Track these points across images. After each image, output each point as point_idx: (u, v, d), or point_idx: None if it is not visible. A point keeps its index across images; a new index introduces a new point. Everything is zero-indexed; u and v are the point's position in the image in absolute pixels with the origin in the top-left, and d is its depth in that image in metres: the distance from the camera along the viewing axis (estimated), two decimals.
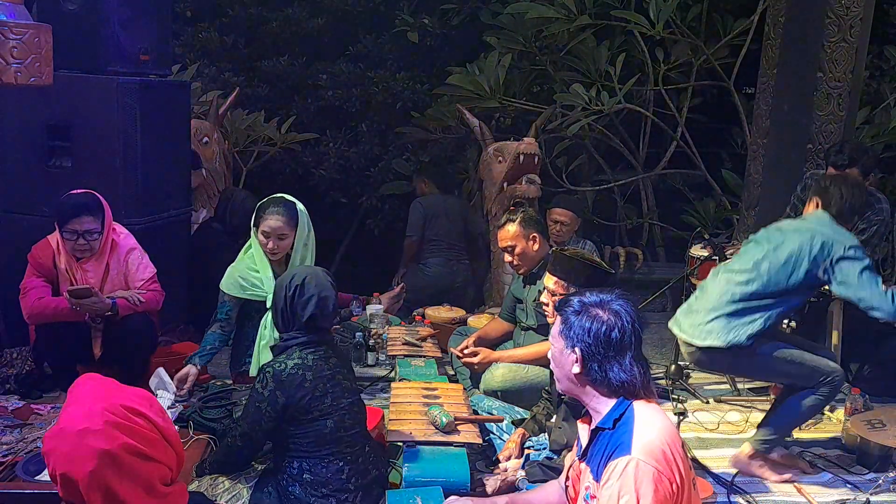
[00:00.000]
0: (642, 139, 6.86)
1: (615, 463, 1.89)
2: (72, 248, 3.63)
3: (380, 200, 6.93)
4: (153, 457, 1.60)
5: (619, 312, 2.01)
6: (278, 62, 7.09)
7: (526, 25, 6.07)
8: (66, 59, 3.95)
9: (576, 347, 2.02)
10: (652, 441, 1.90)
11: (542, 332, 3.84)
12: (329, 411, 2.69)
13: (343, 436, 2.72)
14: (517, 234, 3.83)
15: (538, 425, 3.23)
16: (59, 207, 3.64)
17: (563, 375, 2.09)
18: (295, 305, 2.74)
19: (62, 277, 3.67)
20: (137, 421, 1.59)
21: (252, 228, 3.64)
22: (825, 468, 3.44)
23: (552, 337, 2.12)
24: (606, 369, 1.99)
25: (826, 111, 4.81)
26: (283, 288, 2.78)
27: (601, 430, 2.02)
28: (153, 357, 3.89)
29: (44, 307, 3.60)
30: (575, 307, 2.05)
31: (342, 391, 2.76)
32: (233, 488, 2.71)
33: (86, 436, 1.53)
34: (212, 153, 5.47)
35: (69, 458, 1.54)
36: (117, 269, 3.76)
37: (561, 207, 4.74)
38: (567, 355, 2.05)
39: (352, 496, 2.69)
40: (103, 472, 1.53)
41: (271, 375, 2.65)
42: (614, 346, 1.98)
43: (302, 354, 2.70)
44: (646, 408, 1.99)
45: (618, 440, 1.93)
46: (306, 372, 2.67)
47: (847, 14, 4.70)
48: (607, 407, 2.01)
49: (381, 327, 4.63)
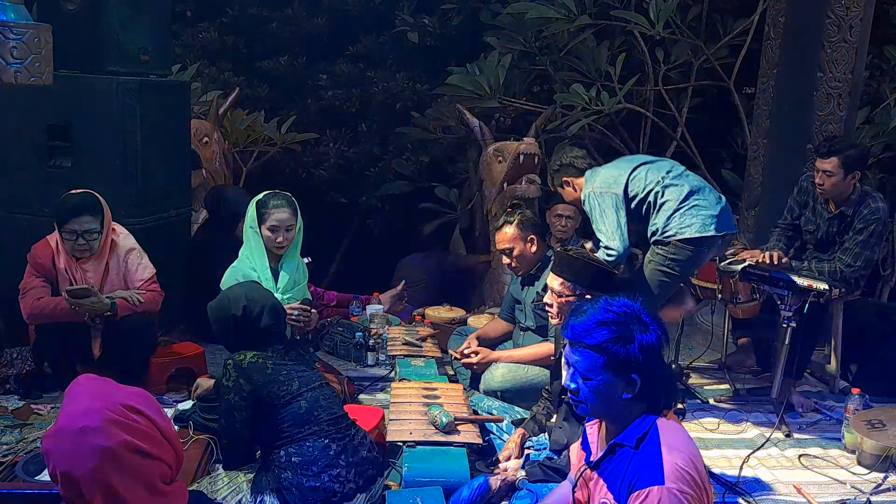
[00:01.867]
0: (642, 139, 6.85)
1: (646, 492, 1.84)
2: (71, 247, 3.63)
3: (380, 200, 6.93)
4: (153, 454, 1.60)
5: (649, 325, 1.95)
6: (278, 62, 7.09)
7: (526, 25, 6.07)
8: (66, 59, 3.95)
9: (632, 375, 1.93)
10: (682, 467, 1.85)
11: (541, 333, 3.84)
12: (300, 392, 2.76)
13: (321, 414, 2.77)
14: (515, 236, 3.83)
15: (538, 425, 3.23)
16: (59, 207, 3.64)
17: (604, 404, 1.98)
18: (249, 323, 2.83)
19: (62, 277, 3.67)
20: (136, 419, 1.59)
21: (250, 228, 3.63)
22: (825, 468, 3.44)
23: (589, 370, 1.96)
24: (659, 389, 1.96)
25: (826, 111, 4.81)
26: (225, 313, 2.85)
27: (622, 446, 1.96)
28: (154, 357, 3.90)
29: (43, 307, 3.60)
30: (608, 337, 1.93)
31: (309, 375, 2.85)
32: (232, 482, 2.72)
33: (86, 434, 1.53)
34: (212, 153, 5.47)
35: (69, 456, 1.53)
36: (116, 270, 3.77)
37: (563, 203, 4.74)
38: (616, 386, 1.94)
39: (344, 471, 2.70)
40: (104, 469, 1.53)
41: (232, 367, 2.74)
42: (656, 361, 1.94)
43: (256, 353, 2.79)
44: (668, 427, 1.94)
45: (645, 464, 1.88)
46: (266, 360, 2.77)
47: (847, 14, 4.69)
48: (627, 421, 1.97)
49: (381, 327, 4.63)
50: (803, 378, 4.33)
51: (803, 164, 4.80)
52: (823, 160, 4.02)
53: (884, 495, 3.19)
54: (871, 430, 3.39)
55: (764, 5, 5.72)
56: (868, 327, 4.44)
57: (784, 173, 4.87)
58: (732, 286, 4.20)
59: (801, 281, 3.78)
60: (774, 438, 3.68)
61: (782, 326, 3.84)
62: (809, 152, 4.80)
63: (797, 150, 4.87)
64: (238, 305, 2.83)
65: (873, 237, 4.02)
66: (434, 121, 6.53)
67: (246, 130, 6.28)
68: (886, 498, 3.18)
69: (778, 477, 3.35)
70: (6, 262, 4.17)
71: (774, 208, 4.80)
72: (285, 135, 6.43)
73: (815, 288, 3.73)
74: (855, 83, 4.83)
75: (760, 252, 4.19)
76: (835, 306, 4.16)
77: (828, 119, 4.81)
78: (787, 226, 4.38)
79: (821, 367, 4.43)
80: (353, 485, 2.70)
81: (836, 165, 3.97)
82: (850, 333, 4.29)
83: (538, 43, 6.31)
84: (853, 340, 4.33)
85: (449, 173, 6.78)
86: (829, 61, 4.75)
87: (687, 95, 6.61)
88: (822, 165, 4.02)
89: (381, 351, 4.46)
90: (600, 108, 5.85)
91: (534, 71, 6.57)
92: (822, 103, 4.81)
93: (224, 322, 2.87)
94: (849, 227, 4.08)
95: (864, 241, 4.01)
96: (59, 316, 3.60)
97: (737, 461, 3.47)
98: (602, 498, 2.01)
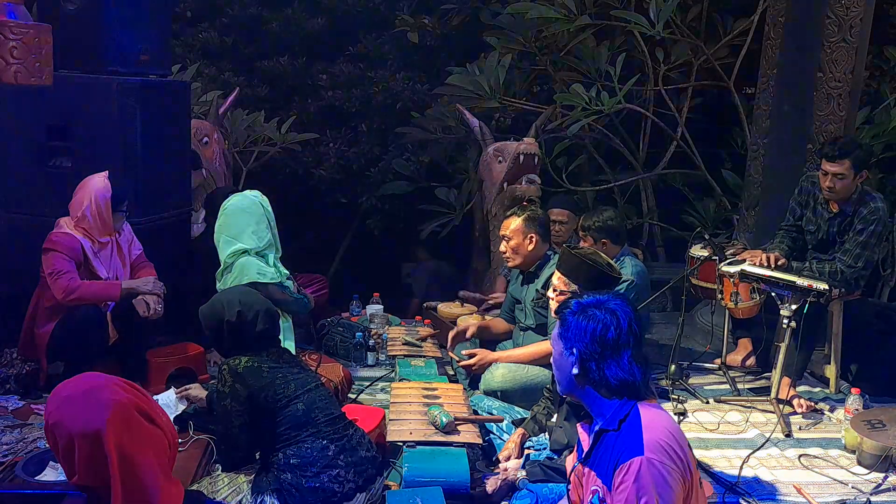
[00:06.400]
0: (642, 139, 6.86)
1: (627, 464, 1.88)
2: (120, 223, 3.88)
3: (380, 200, 6.93)
4: (155, 421, 1.63)
5: (616, 311, 2.01)
6: (278, 62, 7.09)
7: (526, 25, 6.07)
8: (66, 59, 3.95)
9: (574, 348, 2.02)
10: (662, 440, 1.90)
11: (541, 331, 3.84)
12: (297, 395, 2.76)
13: (318, 415, 2.76)
14: (518, 228, 3.89)
15: (538, 425, 3.23)
16: (118, 191, 3.83)
17: (563, 378, 2.10)
18: (244, 329, 2.82)
19: (88, 257, 3.78)
20: (133, 387, 1.63)
21: (273, 224, 3.83)
22: (825, 468, 3.44)
23: (552, 340, 2.13)
24: (604, 368, 1.99)
25: (826, 111, 4.80)
26: (219, 318, 2.84)
27: (606, 431, 2.01)
28: (154, 357, 3.90)
29: (88, 286, 3.69)
30: (573, 308, 2.06)
31: (304, 378, 2.85)
32: (232, 483, 2.72)
33: (93, 392, 1.57)
34: (212, 153, 5.47)
35: (83, 414, 1.55)
36: (123, 246, 3.96)
37: (558, 207, 4.75)
38: (566, 357, 2.05)
39: (343, 471, 2.70)
40: (117, 423, 1.55)
41: (228, 371, 2.72)
42: (611, 346, 1.99)
43: (251, 357, 2.78)
44: (649, 408, 1.99)
45: (626, 441, 1.93)
46: (262, 364, 2.76)
47: (847, 14, 4.69)
48: (610, 409, 2.01)
49: (381, 327, 4.64)
50: (803, 378, 4.34)
51: (803, 164, 4.80)
52: (833, 163, 3.95)
53: (884, 495, 3.19)
54: (871, 430, 3.38)
55: (764, 5, 5.72)
56: (868, 327, 4.44)
57: (784, 173, 4.87)
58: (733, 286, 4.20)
59: (801, 281, 3.78)
60: (774, 438, 3.68)
61: (782, 326, 3.84)
62: (809, 152, 4.80)
63: (797, 150, 4.86)
64: (232, 310, 2.82)
65: (873, 237, 4.02)
66: (434, 121, 6.54)
67: (246, 130, 6.29)
68: (886, 498, 3.18)
69: (778, 477, 3.35)
70: (6, 261, 4.17)
71: (774, 208, 4.79)
72: (285, 135, 6.43)
73: (815, 288, 3.72)
74: (855, 83, 4.83)
75: (761, 252, 4.19)
76: (835, 306, 4.16)
77: (828, 119, 4.81)
78: (790, 227, 4.37)
79: (821, 367, 4.43)
80: (353, 484, 2.70)
81: (849, 167, 3.93)
82: (850, 333, 4.29)
83: (538, 43, 6.32)
84: (853, 340, 4.33)
85: (449, 173, 6.78)
86: (829, 61, 4.75)
87: (687, 95, 6.62)
88: (833, 168, 3.95)
89: (381, 351, 4.46)
90: (600, 108, 5.85)
91: (534, 71, 6.58)
92: (822, 103, 4.80)
93: (217, 327, 2.85)
94: (849, 227, 4.07)
95: (864, 242, 4.01)
96: (101, 297, 3.75)
97: (737, 461, 3.46)
98: (593, 486, 2.04)
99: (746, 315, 4.32)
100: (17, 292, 3.96)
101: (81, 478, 1.60)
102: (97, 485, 1.60)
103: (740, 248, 4.59)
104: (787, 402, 3.97)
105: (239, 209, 3.79)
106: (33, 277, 3.81)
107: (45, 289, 3.73)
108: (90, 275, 3.79)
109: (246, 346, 2.82)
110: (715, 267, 4.30)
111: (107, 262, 3.88)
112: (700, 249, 4.60)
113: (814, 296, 3.72)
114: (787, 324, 3.80)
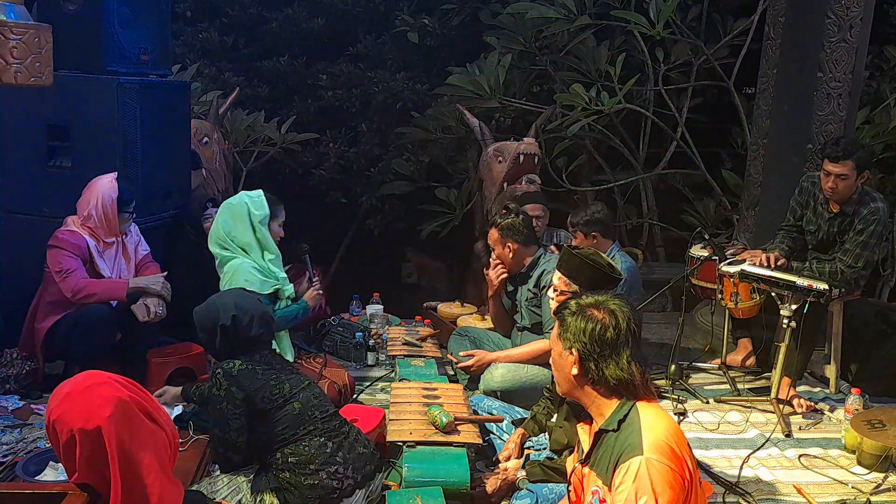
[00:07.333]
0: (642, 139, 6.86)
1: (627, 464, 1.88)
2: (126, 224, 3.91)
3: (380, 200, 6.93)
4: (157, 420, 1.63)
5: (615, 311, 2.02)
6: (278, 62, 7.08)
7: (526, 25, 6.07)
8: (66, 59, 3.95)
9: (572, 348, 2.03)
10: (661, 439, 1.90)
11: (536, 330, 3.86)
12: (292, 395, 2.77)
13: (314, 413, 2.78)
14: (496, 239, 3.98)
15: (538, 425, 3.23)
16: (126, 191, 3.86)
17: (562, 378, 2.10)
18: (239, 332, 2.82)
19: (94, 256, 3.80)
20: (134, 385, 1.64)
21: (258, 225, 3.81)
22: (825, 468, 3.44)
23: (551, 340, 2.13)
24: (603, 369, 1.99)
25: (826, 111, 4.80)
26: (214, 321, 2.83)
27: (605, 432, 2.01)
28: (154, 357, 3.90)
29: (96, 284, 3.71)
30: (571, 309, 2.07)
31: (297, 378, 2.86)
32: (232, 482, 2.73)
33: (95, 388, 1.57)
34: (212, 153, 5.46)
35: (84, 410, 1.55)
36: (133, 247, 4.00)
37: (531, 203, 4.74)
38: (565, 357, 2.05)
39: (342, 468, 2.70)
40: (118, 420, 1.55)
41: (222, 375, 2.72)
42: (609, 345, 1.99)
43: (245, 360, 2.79)
44: (649, 408, 1.99)
45: (625, 441, 1.93)
46: (255, 366, 2.77)
47: (847, 14, 4.69)
48: (609, 409, 2.02)
49: (381, 327, 4.64)
50: (803, 378, 4.34)
51: (803, 164, 4.79)
52: (836, 164, 3.94)
53: (884, 495, 3.20)
54: (871, 430, 3.38)
55: (764, 5, 5.72)
56: (868, 327, 4.44)
57: (784, 173, 4.87)
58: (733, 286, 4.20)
59: (801, 281, 3.78)
60: (774, 438, 3.68)
61: (782, 326, 3.84)
62: (809, 152, 4.80)
63: (797, 150, 4.86)
64: (227, 314, 2.81)
65: (873, 238, 4.02)
66: (434, 121, 6.53)
67: (246, 130, 6.28)
68: (886, 498, 3.18)
69: (778, 477, 3.35)
70: (6, 261, 4.17)
71: (774, 208, 4.79)
72: (285, 135, 6.43)
73: (815, 288, 3.72)
74: (855, 83, 4.83)
75: (761, 252, 4.19)
76: (835, 306, 4.16)
77: (828, 119, 4.80)
78: (790, 227, 4.37)
79: (821, 367, 4.43)
80: (352, 481, 2.70)
81: (851, 168, 3.92)
82: (850, 333, 4.29)
83: (538, 43, 6.32)
84: (853, 340, 4.33)
85: (449, 173, 6.78)
86: (829, 61, 4.74)
87: (687, 95, 6.61)
88: (836, 169, 3.95)
89: (381, 351, 4.46)
90: (600, 108, 5.85)
91: (534, 71, 6.57)
92: (822, 103, 4.80)
93: (212, 330, 2.84)
94: (849, 227, 4.07)
95: (865, 242, 4.01)
96: (108, 297, 3.75)
97: (737, 461, 3.47)
98: (592, 486, 2.04)
99: (746, 315, 4.32)
100: (17, 292, 3.96)
101: (82, 476, 1.60)
102: (97, 483, 1.61)
103: (740, 248, 4.60)
104: (787, 402, 3.98)
105: (225, 208, 3.86)
106: (33, 277, 3.82)
107: (48, 284, 3.74)
108: (94, 274, 3.80)
109: (240, 349, 2.82)
110: (715, 267, 4.30)
111: (111, 262, 3.89)
112: (700, 249, 4.60)
113: (814, 296, 3.72)
114: (787, 324, 3.80)
